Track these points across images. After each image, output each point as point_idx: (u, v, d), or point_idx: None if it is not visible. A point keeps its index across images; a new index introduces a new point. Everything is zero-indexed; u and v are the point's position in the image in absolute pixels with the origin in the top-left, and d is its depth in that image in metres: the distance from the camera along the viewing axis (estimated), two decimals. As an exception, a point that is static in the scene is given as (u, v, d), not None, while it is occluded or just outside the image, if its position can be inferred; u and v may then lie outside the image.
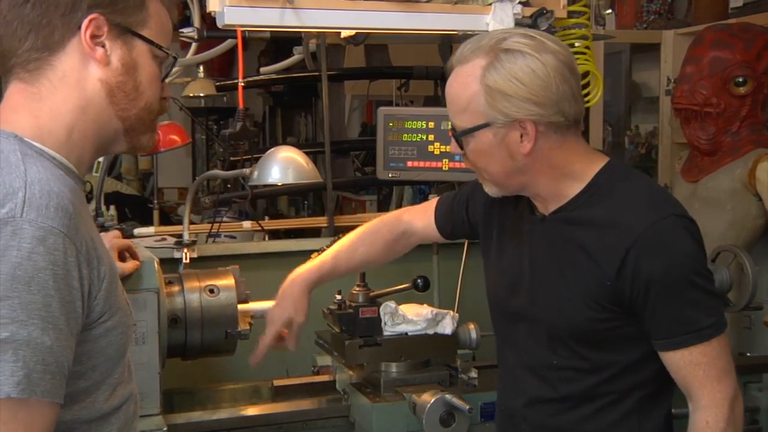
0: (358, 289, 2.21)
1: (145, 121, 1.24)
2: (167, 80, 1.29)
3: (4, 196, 1.02)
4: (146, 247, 2.10)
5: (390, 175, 2.74)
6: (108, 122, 1.20)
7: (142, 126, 1.24)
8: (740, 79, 3.08)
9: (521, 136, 1.51)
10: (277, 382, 2.37)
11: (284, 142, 6.28)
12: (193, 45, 3.65)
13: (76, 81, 1.16)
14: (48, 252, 1.01)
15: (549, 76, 1.49)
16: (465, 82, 1.53)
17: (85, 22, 1.15)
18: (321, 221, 3.60)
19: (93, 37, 1.16)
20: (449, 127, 2.59)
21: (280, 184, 2.64)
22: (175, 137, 3.22)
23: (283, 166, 2.51)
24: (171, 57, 1.25)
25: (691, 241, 1.51)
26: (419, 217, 2.02)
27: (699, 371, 1.51)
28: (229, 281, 2.09)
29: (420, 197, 4.65)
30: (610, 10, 4.39)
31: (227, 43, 3.77)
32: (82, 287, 1.07)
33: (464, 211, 1.89)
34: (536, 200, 1.64)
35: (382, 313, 2.16)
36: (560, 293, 1.58)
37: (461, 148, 1.59)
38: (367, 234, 2.05)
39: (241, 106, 2.75)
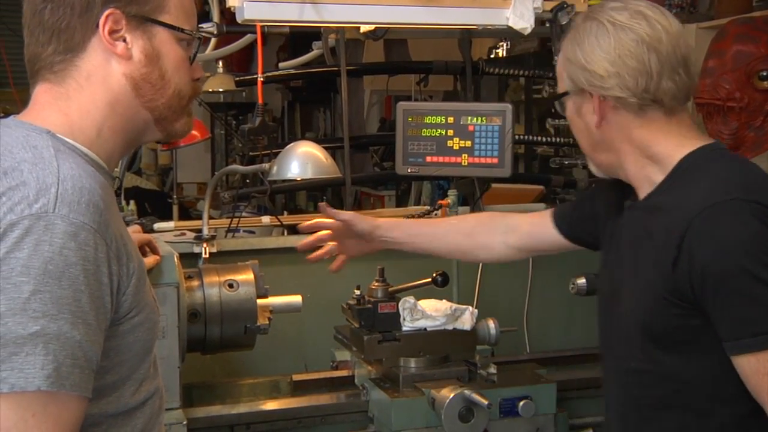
0: (377, 284, 2.21)
1: (175, 108, 1.23)
2: (196, 60, 1.26)
3: (37, 192, 1.03)
4: (166, 242, 2.11)
5: (409, 171, 2.73)
6: (136, 115, 1.20)
7: (173, 113, 1.23)
8: (764, 73, 3.03)
9: (593, 108, 1.46)
10: (296, 377, 2.37)
11: (303, 137, 6.29)
12: (213, 40, 3.66)
13: (102, 79, 1.16)
14: (79, 247, 1.02)
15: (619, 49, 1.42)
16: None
17: (102, 18, 1.14)
18: (340, 216, 3.60)
19: (112, 32, 1.15)
20: (469, 122, 2.62)
21: (299, 179, 2.64)
22: (194, 132, 3.23)
23: (302, 161, 2.51)
24: (196, 38, 1.22)
25: (752, 228, 1.29)
26: (527, 218, 1.91)
27: (765, 382, 1.29)
28: (248, 276, 2.09)
29: (439, 193, 4.64)
30: (631, 4, 4.34)
31: (246, 39, 3.77)
32: (112, 283, 1.08)
33: (588, 202, 1.74)
34: (634, 186, 1.51)
35: (401, 309, 2.16)
36: (635, 287, 1.45)
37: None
38: (454, 219, 2.06)
39: (260, 101, 2.75)
